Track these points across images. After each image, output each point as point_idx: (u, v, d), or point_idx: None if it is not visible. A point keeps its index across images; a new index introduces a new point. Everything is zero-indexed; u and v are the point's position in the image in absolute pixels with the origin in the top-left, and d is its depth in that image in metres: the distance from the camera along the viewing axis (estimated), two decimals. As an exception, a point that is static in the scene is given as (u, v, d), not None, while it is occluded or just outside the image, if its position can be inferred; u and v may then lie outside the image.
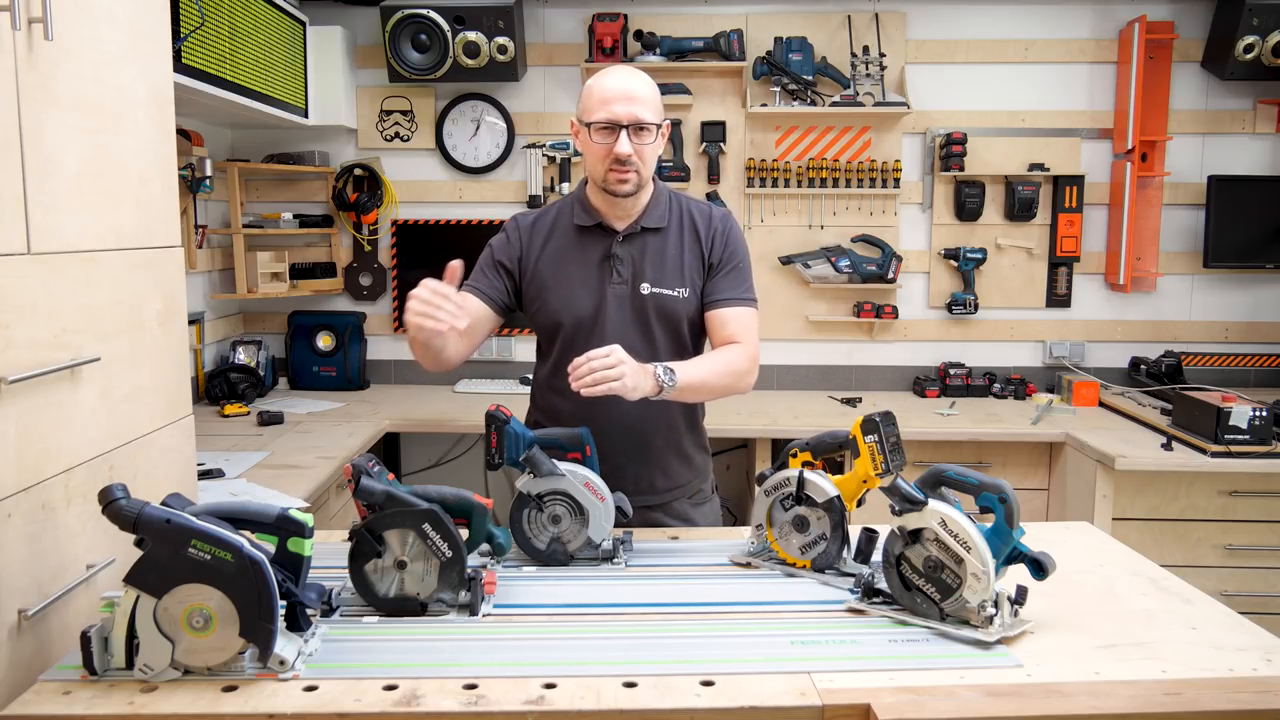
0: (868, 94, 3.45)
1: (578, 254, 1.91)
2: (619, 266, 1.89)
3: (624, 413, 1.87)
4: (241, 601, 1.17)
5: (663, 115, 1.86)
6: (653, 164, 1.86)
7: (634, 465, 1.93)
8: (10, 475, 1.20)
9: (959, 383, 3.54)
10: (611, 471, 1.85)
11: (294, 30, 3.26)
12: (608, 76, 1.83)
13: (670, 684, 1.17)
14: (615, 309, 1.88)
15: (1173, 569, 1.61)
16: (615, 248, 1.90)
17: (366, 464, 1.38)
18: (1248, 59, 3.32)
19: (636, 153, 1.80)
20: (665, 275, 1.90)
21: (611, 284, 1.89)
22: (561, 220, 1.95)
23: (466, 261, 1.71)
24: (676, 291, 1.90)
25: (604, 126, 1.80)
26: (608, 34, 3.41)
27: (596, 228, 1.91)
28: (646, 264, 1.90)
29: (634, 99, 1.79)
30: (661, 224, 1.92)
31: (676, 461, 1.98)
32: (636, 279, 1.89)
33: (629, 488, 1.87)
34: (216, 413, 3.12)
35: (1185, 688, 1.17)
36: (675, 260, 1.91)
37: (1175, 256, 3.60)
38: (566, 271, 1.91)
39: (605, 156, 1.81)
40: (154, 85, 1.57)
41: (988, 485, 1.33)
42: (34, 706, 1.12)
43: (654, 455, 1.95)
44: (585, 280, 1.90)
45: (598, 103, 1.80)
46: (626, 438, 1.91)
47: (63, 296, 1.31)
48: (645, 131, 1.81)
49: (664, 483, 1.97)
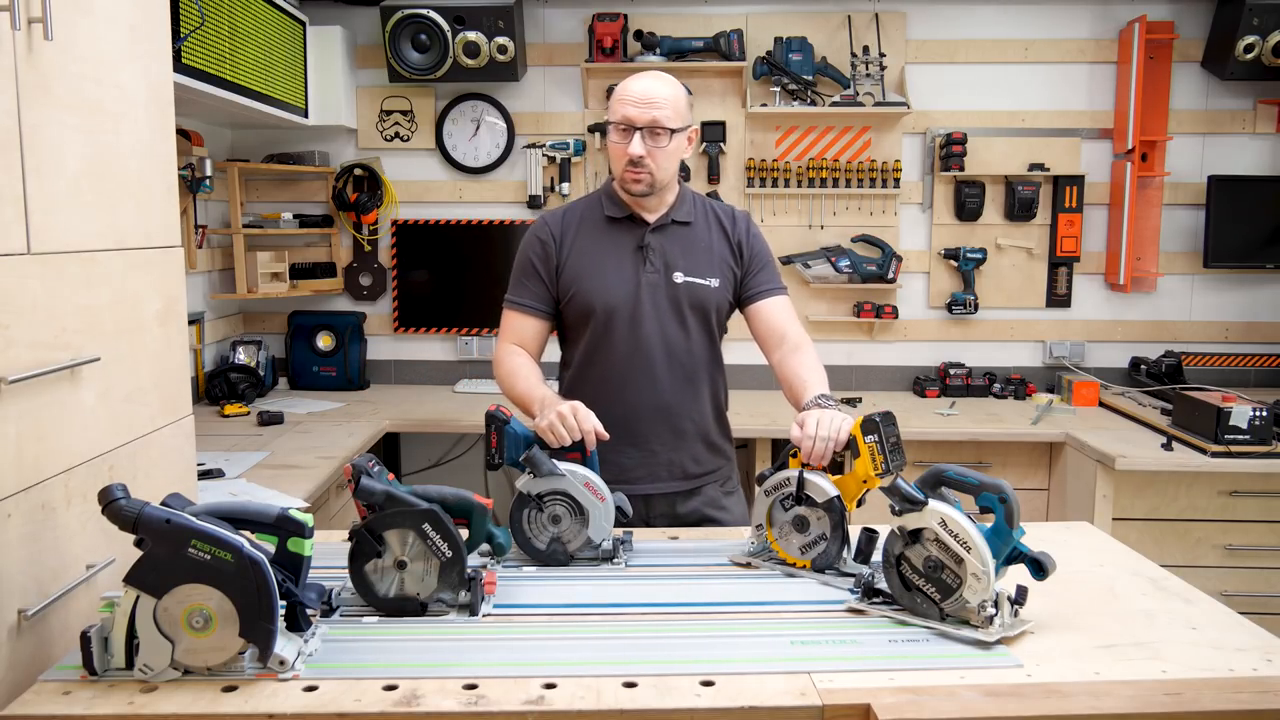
0: (868, 94, 3.45)
1: (609, 244, 1.96)
2: (652, 256, 1.94)
3: (659, 399, 1.94)
4: (241, 601, 1.17)
5: (686, 121, 1.90)
6: (670, 167, 1.90)
7: (667, 450, 1.97)
8: (10, 475, 1.20)
9: (959, 383, 3.54)
10: (645, 457, 1.94)
11: (294, 30, 3.26)
12: (634, 80, 1.88)
13: (670, 684, 1.17)
14: (650, 298, 1.93)
15: (1173, 569, 1.61)
16: (648, 237, 1.94)
17: (366, 464, 1.38)
18: (1248, 59, 3.32)
19: (650, 155, 1.85)
20: (697, 265, 1.95)
21: (646, 273, 1.93)
22: (590, 213, 1.99)
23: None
24: (709, 281, 1.95)
25: (621, 127, 1.85)
26: (608, 34, 3.41)
27: (627, 219, 1.96)
28: (678, 254, 1.95)
29: (652, 102, 1.84)
30: (690, 218, 1.98)
31: (705, 448, 2.01)
32: (669, 268, 1.94)
33: (662, 473, 1.96)
34: (216, 413, 3.12)
35: (1185, 688, 1.17)
36: (705, 251, 1.97)
37: (1175, 256, 3.60)
38: (599, 261, 1.95)
39: (621, 156, 1.86)
40: (154, 85, 1.56)
41: (988, 485, 1.33)
42: (34, 706, 1.12)
43: (686, 441, 1.98)
44: (619, 269, 1.94)
45: (618, 103, 1.87)
46: (661, 423, 1.95)
47: (63, 296, 1.31)
48: (660, 135, 1.84)
49: (695, 468, 2.00)
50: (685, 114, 1.89)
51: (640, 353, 1.92)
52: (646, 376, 1.93)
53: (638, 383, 1.92)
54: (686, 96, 1.91)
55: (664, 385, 1.94)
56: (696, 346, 1.95)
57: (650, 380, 1.93)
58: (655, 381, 1.93)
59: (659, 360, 1.93)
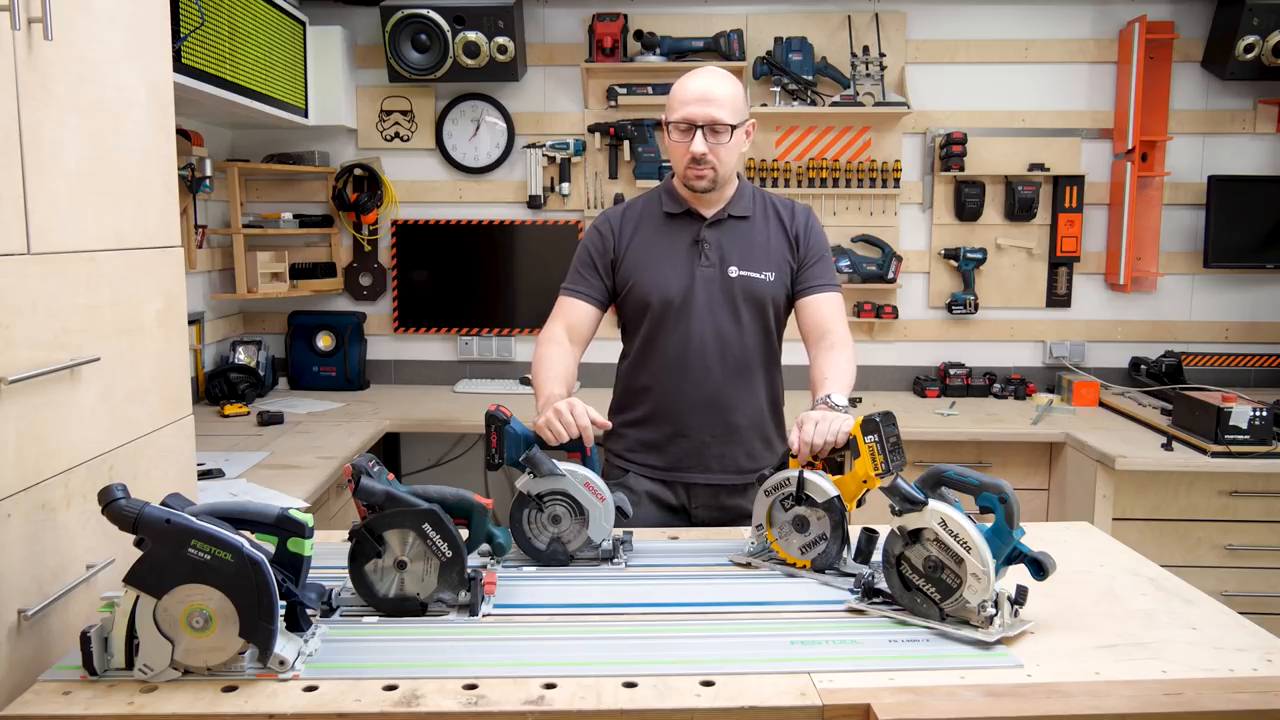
0: (868, 94, 3.45)
1: (667, 239, 1.99)
2: (707, 250, 1.96)
3: (711, 391, 1.96)
4: (241, 601, 1.17)
5: (744, 115, 1.92)
6: (732, 161, 1.92)
7: (719, 444, 1.98)
8: (10, 475, 1.20)
9: (959, 383, 3.54)
10: (696, 449, 1.96)
11: (294, 30, 3.26)
12: (691, 78, 1.90)
13: (670, 684, 1.17)
14: (703, 291, 1.95)
15: (1173, 569, 1.61)
16: (703, 232, 1.97)
17: (366, 464, 1.38)
18: (1248, 59, 3.32)
19: (712, 151, 1.88)
20: (753, 259, 1.97)
21: (700, 266, 1.96)
22: (650, 209, 2.03)
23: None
24: (764, 275, 1.96)
25: (682, 126, 1.88)
26: (608, 34, 3.41)
27: (685, 214, 1.99)
28: (734, 248, 1.97)
29: (710, 100, 1.86)
30: (747, 213, 2.00)
31: (760, 443, 2.02)
32: (724, 262, 1.96)
33: (713, 465, 1.98)
34: (216, 413, 3.12)
35: (1185, 688, 1.17)
36: (762, 245, 1.98)
37: (1175, 256, 3.60)
38: (656, 255, 1.98)
39: (684, 154, 1.89)
40: (154, 85, 1.56)
41: (988, 485, 1.33)
42: (34, 707, 1.12)
43: (739, 435, 1.99)
44: (675, 263, 1.96)
45: (678, 103, 1.89)
46: (714, 416, 1.97)
47: (63, 296, 1.31)
48: (721, 132, 1.87)
49: (748, 463, 2.00)
50: (743, 109, 1.91)
51: (693, 345, 1.95)
52: (699, 369, 1.95)
53: (691, 375, 1.95)
54: (743, 91, 1.93)
55: (716, 378, 1.96)
56: (750, 340, 1.97)
57: (703, 372, 1.95)
58: (708, 374, 1.95)
59: (712, 353, 1.95)
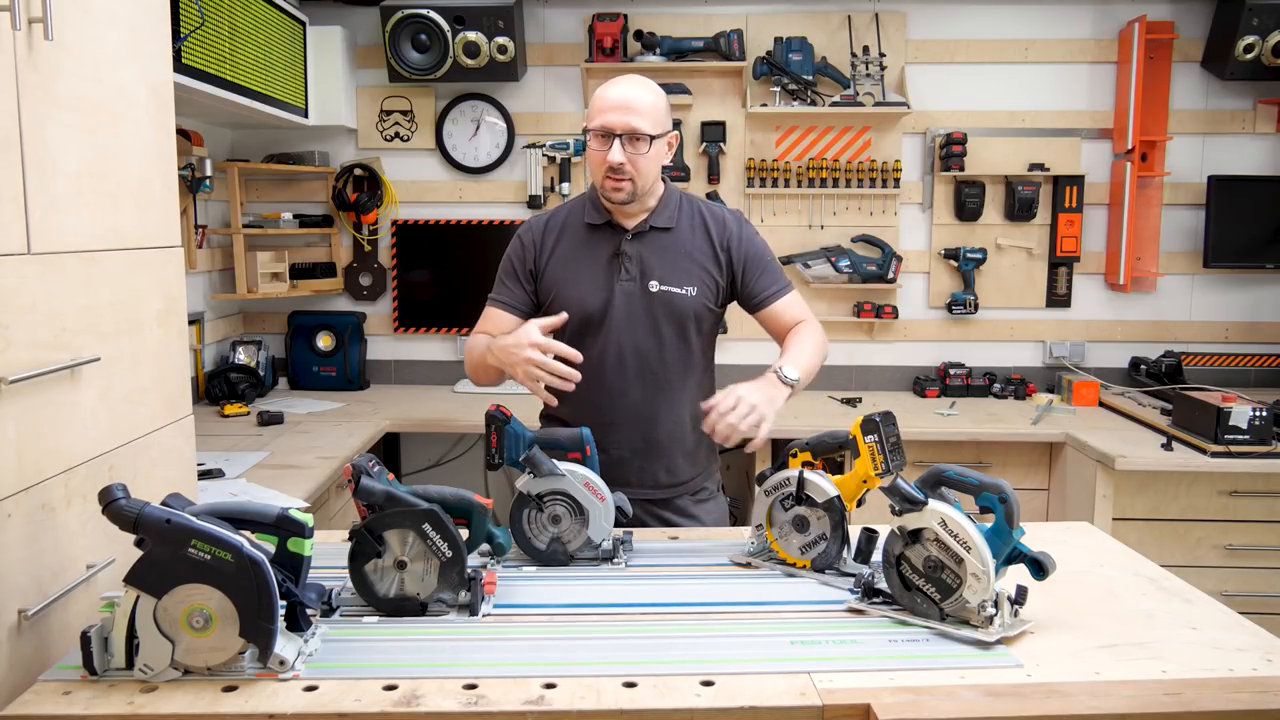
0: (868, 94, 3.45)
1: (588, 251, 1.94)
2: (627, 264, 1.91)
3: (629, 406, 1.93)
4: (241, 601, 1.16)
5: (666, 126, 1.87)
6: (652, 173, 1.87)
7: (638, 459, 1.95)
8: (10, 475, 1.20)
9: (959, 383, 3.54)
10: (615, 463, 1.89)
11: (294, 30, 3.26)
12: (612, 85, 1.85)
13: (670, 684, 1.16)
14: (623, 305, 1.91)
15: (1173, 569, 1.61)
16: (624, 245, 1.92)
17: (366, 464, 1.38)
18: (1248, 59, 3.32)
19: (630, 162, 1.81)
20: (674, 273, 1.92)
21: (620, 281, 1.91)
22: (572, 219, 1.98)
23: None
24: (685, 290, 1.92)
25: (601, 134, 1.82)
26: (608, 34, 3.41)
27: (606, 225, 1.94)
28: (655, 262, 1.92)
29: (630, 109, 1.80)
30: (670, 224, 1.94)
31: (681, 458, 1.99)
32: (645, 276, 1.91)
33: (632, 480, 1.92)
34: (216, 413, 3.13)
35: (1185, 688, 1.17)
36: (685, 259, 1.93)
37: (1175, 256, 3.60)
38: (577, 268, 1.94)
39: (601, 163, 1.83)
40: (154, 85, 1.56)
41: (988, 485, 1.33)
42: (34, 706, 1.12)
43: (659, 450, 1.96)
44: (595, 277, 1.92)
45: (596, 110, 1.83)
46: (633, 431, 1.94)
47: (63, 296, 1.31)
48: (640, 141, 1.81)
49: (667, 478, 1.98)
50: (664, 120, 1.86)
51: (610, 360, 1.91)
52: (618, 383, 1.92)
53: (610, 390, 1.92)
54: (666, 101, 1.88)
55: (635, 393, 1.92)
56: (671, 355, 1.93)
57: (622, 387, 1.92)
58: (627, 389, 1.92)
59: (630, 368, 1.92)
